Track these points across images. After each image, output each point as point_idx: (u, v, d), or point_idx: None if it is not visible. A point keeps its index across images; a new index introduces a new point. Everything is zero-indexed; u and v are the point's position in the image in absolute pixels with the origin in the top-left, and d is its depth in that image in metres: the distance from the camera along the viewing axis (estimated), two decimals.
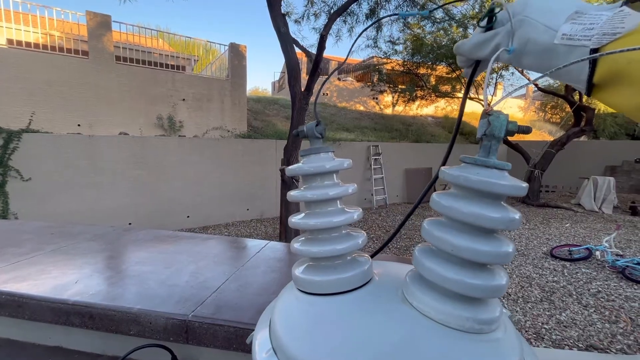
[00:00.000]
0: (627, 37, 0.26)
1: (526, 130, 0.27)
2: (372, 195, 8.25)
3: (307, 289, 0.33)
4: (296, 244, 0.35)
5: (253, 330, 0.60)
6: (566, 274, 3.86)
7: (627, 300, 3.18)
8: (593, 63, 0.28)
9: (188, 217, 6.18)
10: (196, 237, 1.36)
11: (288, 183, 4.45)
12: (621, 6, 0.29)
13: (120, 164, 5.50)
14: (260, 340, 0.32)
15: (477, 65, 0.40)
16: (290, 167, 0.35)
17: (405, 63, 9.44)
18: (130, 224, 5.59)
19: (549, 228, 6.04)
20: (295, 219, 0.35)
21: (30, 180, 4.79)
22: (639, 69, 0.25)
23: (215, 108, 8.31)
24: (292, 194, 0.35)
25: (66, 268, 0.95)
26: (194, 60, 10.41)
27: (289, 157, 4.56)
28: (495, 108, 0.28)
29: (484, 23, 0.36)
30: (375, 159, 8.36)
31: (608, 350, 2.44)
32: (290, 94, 4.55)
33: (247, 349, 0.67)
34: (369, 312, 0.29)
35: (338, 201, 0.35)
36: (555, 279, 3.74)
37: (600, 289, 3.45)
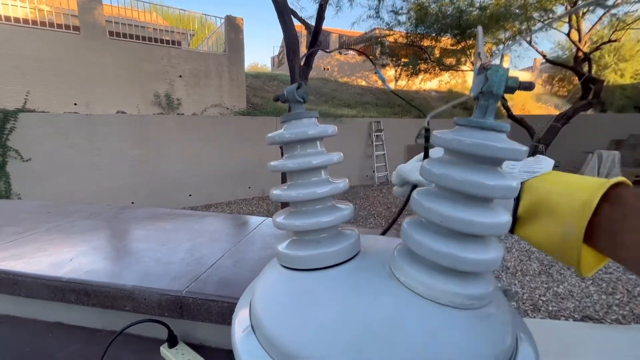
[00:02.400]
0: (546, 175, 0.30)
1: (528, 86, 0.24)
2: (373, 172, 8.23)
3: (290, 265, 0.31)
4: (278, 218, 0.33)
5: None
6: None
7: (624, 273, 3.22)
8: (517, 198, 0.30)
9: (190, 195, 6.21)
10: (194, 215, 1.36)
11: None
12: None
13: (119, 143, 5.47)
14: (240, 318, 0.30)
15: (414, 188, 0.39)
16: (270, 134, 0.32)
17: (409, 35, 9.08)
18: (133, 203, 5.63)
19: None
20: (276, 191, 0.32)
21: (30, 160, 4.78)
22: (557, 198, 0.27)
23: (213, 85, 8.13)
24: (273, 164, 0.32)
25: (62, 246, 0.95)
26: (190, 34, 10.07)
27: None
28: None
29: (420, 140, 0.34)
30: (376, 135, 8.26)
31: (603, 321, 2.50)
32: (289, 68, 4.42)
33: None
34: (353, 287, 0.28)
35: (322, 171, 0.33)
36: None
37: None
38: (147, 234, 1.09)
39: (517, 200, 0.30)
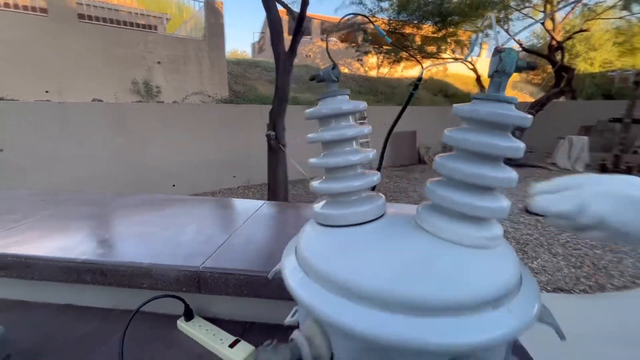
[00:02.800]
0: None
1: (533, 66, 0.30)
2: None
3: (327, 222, 0.36)
4: (315, 183, 0.37)
5: (263, 276, 0.64)
6: (539, 227, 4.14)
7: (591, 248, 3.49)
8: None
9: (174, 185, 6.09)
10: (192, 200, 1.37)
11: (275, 148, 4.42)
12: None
13: (97, 133, 5.26)
14: (289, 268, 0.35)
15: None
16: (308, 110, 0.36)
17: (391, 22, 9.10)
18: None
19: (525, 186, 6.32)
20: (314, 160, 0.37)
21: (1, 151, 4.54)
22: None
23: (193, 71, 7.89)
24: (311, 136, 0.37)
25: (67, 230, 0.95)
26: (166, 18, 9.65)
27: (275, 122, 4.48)
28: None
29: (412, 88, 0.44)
30: (360, 123, 8.32)
31: (572, 291, 2.72)
32: (274, 55, 4.36)
33: (258, 294, 0.72)
34: (387, 235, 0.33)
35: (354, 142, 0.37)
36: (529, 232, 4.02)
37: (568, 239, 3.75)
38: (149, 218, 1.11)
39: None
